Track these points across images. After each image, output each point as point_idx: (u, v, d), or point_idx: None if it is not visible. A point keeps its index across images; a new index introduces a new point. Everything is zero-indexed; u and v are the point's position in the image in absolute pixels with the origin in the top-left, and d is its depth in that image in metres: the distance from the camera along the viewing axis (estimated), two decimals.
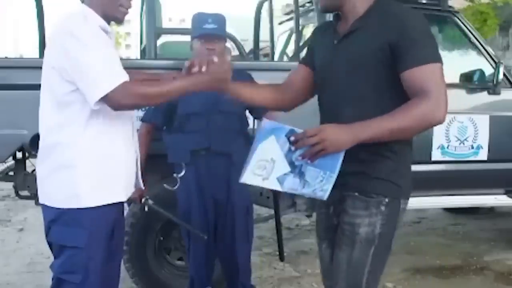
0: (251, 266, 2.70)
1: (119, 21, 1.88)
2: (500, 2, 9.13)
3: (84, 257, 1.78)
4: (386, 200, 1.63)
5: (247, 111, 2.62)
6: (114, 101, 1.65)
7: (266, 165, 1.52)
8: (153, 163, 2.51)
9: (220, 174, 2.48)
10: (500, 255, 3.95)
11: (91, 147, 1.76)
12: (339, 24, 1.72)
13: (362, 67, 1.61)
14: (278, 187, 1.54)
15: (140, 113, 2.65)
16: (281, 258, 3.13)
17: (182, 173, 2.50)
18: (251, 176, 1.53)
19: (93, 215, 1.78)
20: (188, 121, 2.46)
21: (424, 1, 3.52)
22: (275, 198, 2.94)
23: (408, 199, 1.71)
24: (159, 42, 3.23)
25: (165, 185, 2.56)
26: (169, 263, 3.14)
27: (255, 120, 2.68)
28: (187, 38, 2.58)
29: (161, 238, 3.08)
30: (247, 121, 2.63)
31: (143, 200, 2.42)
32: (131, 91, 1.65)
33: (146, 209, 2.47)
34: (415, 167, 1.78)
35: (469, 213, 4.98)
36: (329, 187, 1.53)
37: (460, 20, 3.46)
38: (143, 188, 2.06)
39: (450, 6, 3.52)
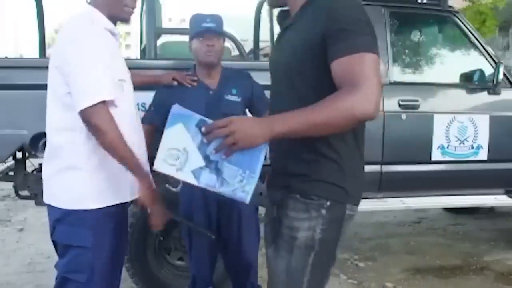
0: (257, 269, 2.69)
1: (126, 21, 1.90)
2: (502, 5, 9.13)
3: (89, 256, 1.79)
4: (328, 203, 1.48)
5: (247, 111, 2.61)
6: (86, 116, 1.67)
7: (179, 155, 1.41)
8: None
9: None
10: (500, 255, 3.95)
11: (96, 149, 1.76)
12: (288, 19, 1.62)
13: (297, 65, 1.48)
14: (194, 181, 1.42)
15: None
16: None
17: None
18: (163, 164, 1.43)
19: (98, 215, 1.79)
20: None
21: (424, 1, 3.52)
22: None
23: (357, 205, 1.55)
24: (159, 42, 3.23)
25: (167, 185, 2.55)
26: (169, 263, 3.14)
27: None
28: (187, 38, 2.58)
29: (161, 238, 3.08)
30: None
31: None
32: (101, 116, 1.67)
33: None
34: (415, 167, 1.76)
35: (469, 213, 4.99)
36: (250, 188, 1.40)
37: (460, 20, 3.46)
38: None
39: (450, 6, 3.53)
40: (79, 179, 1.78)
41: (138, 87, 2.38)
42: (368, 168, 3.19)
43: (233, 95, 2.49)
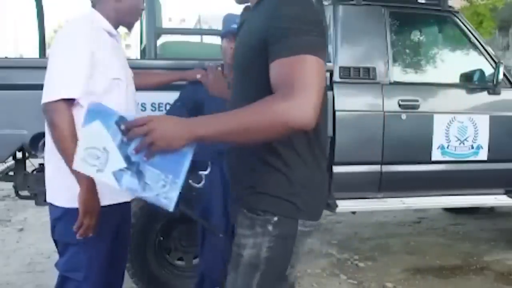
0: None
1: (131, 26, 1.98)
2: (500, 4, 9.14)
3: (86, 255, 1.80)
4: (275, 218, 1.35)
5: None
6: (44, 110, 1.70)
7: (99, 155, 1.30)
8: None
9: None
10: (500, 255, 3.95)
11: None
12: None
13: (245, 63, 1.39)
14: (115, 184, 1.31)
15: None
16: None
17: (208, 171, 2.50)
18: (82, 164, 1.32)
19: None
20: None
21: (424, 1, 3.52)
22: None
23: (312, 219, 1.41)
24: (159, 42, 3.23)
25: (190, 181, 2.55)
26: (169, 263, 3.14)
27: None
28: (187, 38, 2.58)
29: (161, 238, 3.08)
30: None
31: None
32: (57, 112, 1.68)
33: None
34: (415, 167, 1.75)
35: (469, 213, 4.98)
36: (174, 195, 1.27)
37: (460, 20, 3.46)
38: None
39: (450, 6, 3.53)
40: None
41: (160, 86, 2.43)
42: (368, 168, 3.26)
43: None
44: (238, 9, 1.68)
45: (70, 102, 1.71)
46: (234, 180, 1.49)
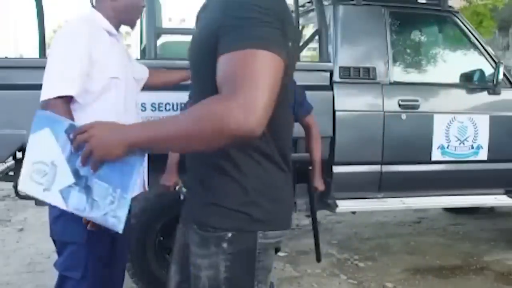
0: None
1: (133, 24, 1.99)
2: (501, 4, 9.14)
3: (83, 254, 1.81)
4: (229, 235, 1.17)
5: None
6: (46, 109, 1.70)
7: (47, 170, 1.17)
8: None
9: None
10: (500, 255, 3.95)
11: None
12: None
13: (197, 65, 1.23)
14: (62, 205, 1.18)
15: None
16: (318, 259, 2.85)
17: None
18: (29, 183, 1.19)
19: None
20: None
21: (424, 1, 3.52)
22: (311, 200, 2.75)
23: (276, 229, 1.23)
24: (159, 42, 3.23)
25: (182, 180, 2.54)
26: (169, 263, 3.12)
27: None
28: (187, 38, 2.58)
29: (161, 238, 3.08)
30: None
31: (177, 188, 2.38)
32: (55, 109, 1.68)
33: (181, 197, 2.43)
34: (415, 167, 1.74)
35: (469, 213, 4.98)
36: (123, 213, 1.14)
37: (460, 20, 3.47)
38: (147, 189, 2.07)
39: (450, 6, 3.53)
40: None
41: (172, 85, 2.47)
42: (368, 168, 3.26)
43: None
44: None
45: (67, 99, 1.73)
46: (187, 189, 1.36)
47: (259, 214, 1.19)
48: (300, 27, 3.97)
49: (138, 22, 2.09)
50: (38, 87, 1.79)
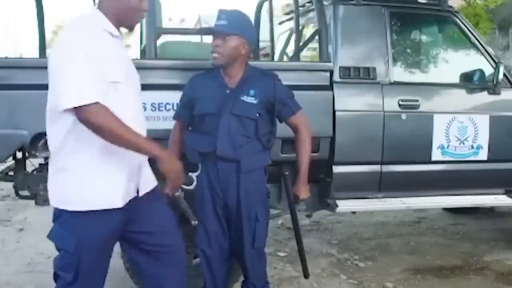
0: (264, 270, 2.64)
1: (132, 28, 1.96)
2: (492, 5, 9.13)
3: (74, 261, 1.82)
4: None
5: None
6: (84, 117, 1.67)
7: None
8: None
9: (228, 179, 2.40)
10: (500, 255, 3.95)
11: (84, 151, 1.78)
12: None
13: None
14: None
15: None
16: (305, 275, 2.93)
17: (197, 173, 2.47)
18: None
19: (83, 220, 1.79)
20: (203, 121, 2.42)
21: (424, 1, 3.52)
22: (291, 211, 2.77)
23: None
24: (159, 42, 3.22)
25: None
26: None
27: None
28: (187, 38, 2.58)
29: None
30: (270, 128, 2.48)
31: (176, 194, 2.36)
32: (102, 113, 1.68)
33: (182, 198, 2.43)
34: (415, 167, 1.74)
35: (469, 213, 4.98)
36: None
37: (460, 20, 3.46)
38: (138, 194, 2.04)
39: (450, 6, 3.53)
40: (64, 180, 1.80)
41: None
42: (368, 168, 3.26)
43: (250, 96, 2.38)
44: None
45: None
46: None
47: None
48: (300, 27, 3.97)
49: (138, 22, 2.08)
50: (38, 87, 1.79)
